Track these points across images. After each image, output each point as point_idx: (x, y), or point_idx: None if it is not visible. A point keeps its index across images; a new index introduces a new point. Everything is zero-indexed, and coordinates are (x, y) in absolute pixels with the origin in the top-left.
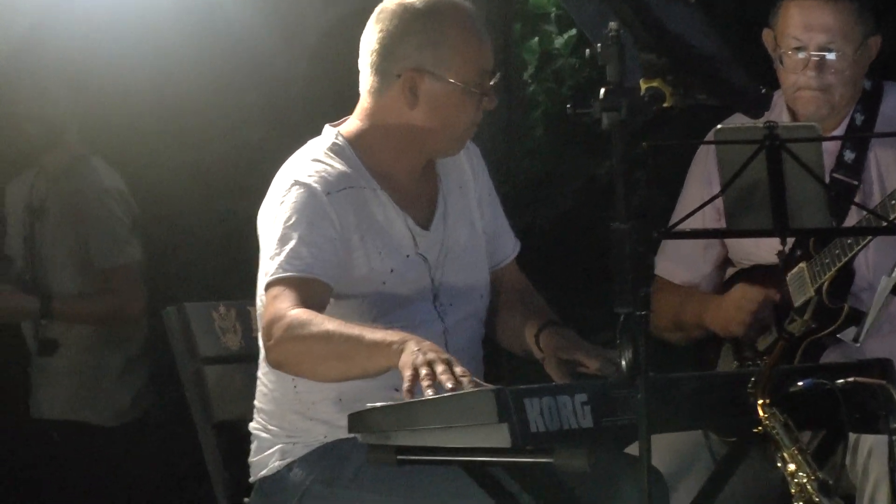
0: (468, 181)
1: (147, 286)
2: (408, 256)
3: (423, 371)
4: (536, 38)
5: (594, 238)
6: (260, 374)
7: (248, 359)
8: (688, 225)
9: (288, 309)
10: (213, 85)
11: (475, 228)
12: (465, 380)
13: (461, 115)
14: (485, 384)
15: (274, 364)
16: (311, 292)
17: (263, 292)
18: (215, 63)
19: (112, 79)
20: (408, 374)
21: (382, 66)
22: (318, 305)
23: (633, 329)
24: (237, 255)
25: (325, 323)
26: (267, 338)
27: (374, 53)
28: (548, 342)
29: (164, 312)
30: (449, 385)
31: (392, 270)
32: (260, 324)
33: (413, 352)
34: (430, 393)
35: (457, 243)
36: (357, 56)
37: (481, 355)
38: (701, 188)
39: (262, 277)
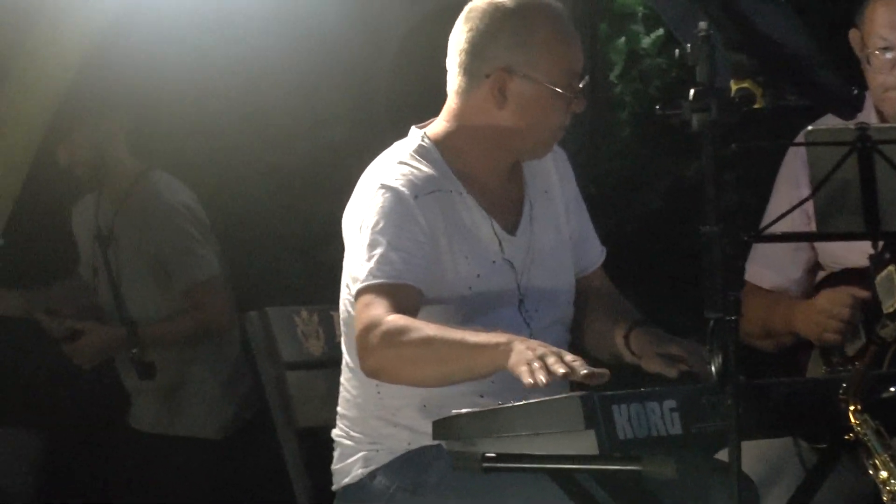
0: (554, 186)
1: (232, 293)
2: (494, 262)
3: (536, 364)
4: (623, 38)
5: (682, 241)
6: (343, 379)
7: (331, 364)
8: (777, 228)
9: (383, 316)
10: (295, 84)
11: (561, 234)
12: (577, 364)
13: (550, 117)
14: (598, 370)
15: (371, 372)
16: (403, 298)
17: (352, 299)
18: (297, 62)
19: (193, 79)
20: (523, 369)
21: (471, 65)
22: (410, 311)
23: (723, 334)
24: (320, 258)
25: (424, 328)
26: (363, 346)
27: (463, 53)
28: (638, 341)
29: (245, 317)
30: (561, 371)
31: (478, 276)
32: (344, 329)
33: (521, 350)
34: (543, 380)
35: (543, 248)
36: (441, 55)
37: None
38: (790, 191)
39: (350, 283)
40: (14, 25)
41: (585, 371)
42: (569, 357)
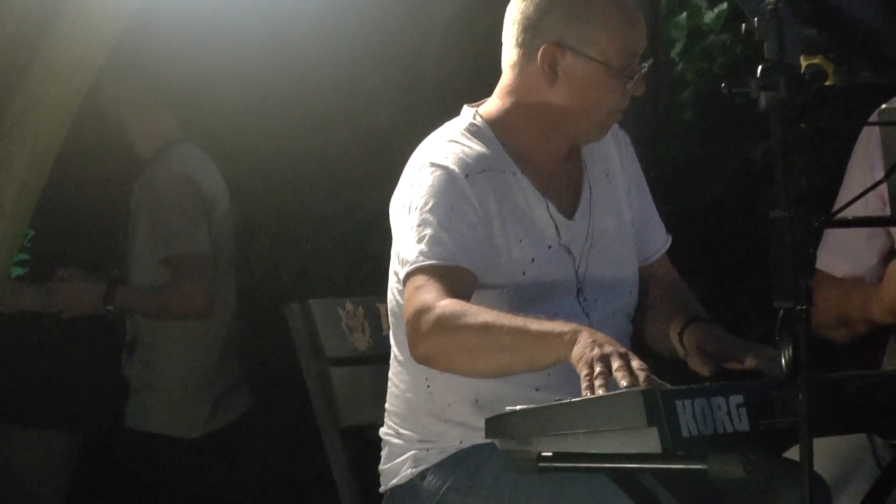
0: (616, 169)
1: (232, 282)
2: (550, 247)
3: (598, 368)
4: (684, 13)
5: (749, 227)
6: (391, 374)
7: (377, 360)
8: (850, 213)
9: (436, 299)
10: (337, 65)
11: (623, 219)
12: (642, 374)
13: (603, 98)
14: (663, 383)
15: (421, 358)
16: (456, 281)
17: (400, 284)
18: (339, 41)
19: (229, 60)
20: (584, 371)
21: (524, 38)
22: (464, 295)
23: (794, 325)
24: (364, 250)
25: (481, 313)
26: (414, 330)
27: (517, 24)
28: (691, 338)
29: (286, 309)
30: (624, 383)
31: (533, 260)
32: (392, 321)
33: (587, 344)
34: (602, 392)
35: (603, 234)
36: (492, 35)
37: None
38: (864, 173)
39: (399, 267)
40: (42, 5)
41: (648, 385)
42: (635, 363)
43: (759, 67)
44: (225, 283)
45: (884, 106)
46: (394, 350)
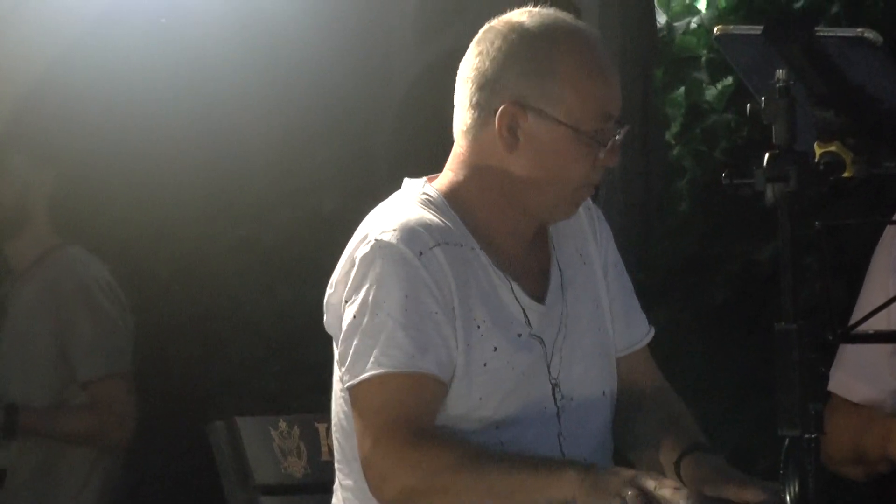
0: (589, 248)
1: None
2: (520, 335)
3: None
4: (682, 88)
5: (752, 341)
6: (334, 501)
7: (315, 489)
8: (871, 326)
9: (401, 428)
10: (275, 143)
11: (600, 306)
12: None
13: (570, 168)
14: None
15: (389, 500)
16: (420, 394)
17: (347, 399)
18: (279, 116)
19: (148, 131)
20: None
21: (479, 98)
22: (431, 410)
23: (801, 456)
24: (302, 358)
25: (461, 447)
26: (377, 468)
27: (470, 82)
28: (690, 472)
29: (208, 428)
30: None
31: (495, 349)
32: (338, 437)
33: (603, 479)
34: None
35: (578, 322)
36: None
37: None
38: (886, 279)
39: (345, 375)
40: None
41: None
42: (667, 490)
43: (767, 155)
44: None
45: None
46: (339, 476)
